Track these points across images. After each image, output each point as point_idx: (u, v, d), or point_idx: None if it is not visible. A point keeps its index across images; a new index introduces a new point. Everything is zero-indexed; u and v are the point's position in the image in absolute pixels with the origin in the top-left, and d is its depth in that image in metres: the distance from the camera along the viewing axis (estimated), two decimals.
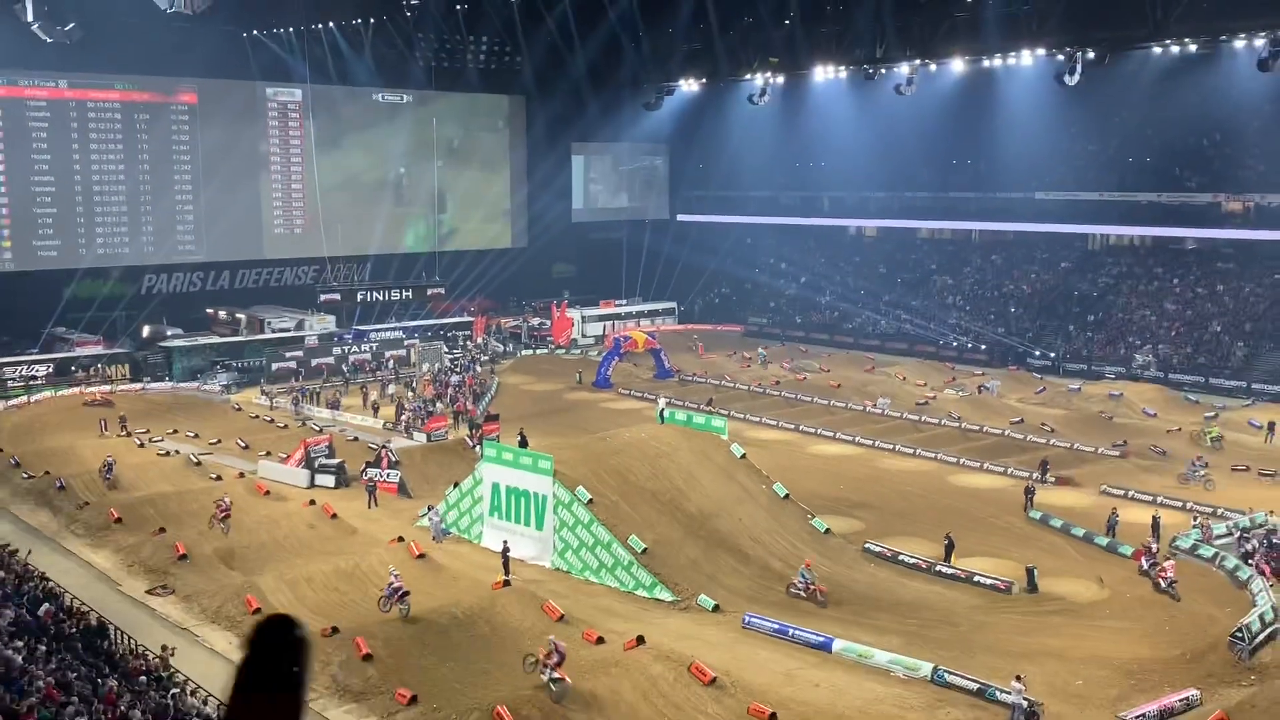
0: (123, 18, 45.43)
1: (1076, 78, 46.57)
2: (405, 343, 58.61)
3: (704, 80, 63.75)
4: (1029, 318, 62.17)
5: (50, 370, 49.81)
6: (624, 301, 71.67)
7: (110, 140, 56.51)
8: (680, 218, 78.03)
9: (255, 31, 57.50)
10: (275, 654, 1.47)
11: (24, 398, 47.25)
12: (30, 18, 38.60)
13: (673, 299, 73.39)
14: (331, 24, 58.21)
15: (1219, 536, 29.85)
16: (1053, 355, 58.24)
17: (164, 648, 21.54)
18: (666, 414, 36.57)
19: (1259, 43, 44.05)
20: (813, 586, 26.31)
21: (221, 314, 58.11)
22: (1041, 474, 36.68)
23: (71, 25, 40.29)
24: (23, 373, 49.12)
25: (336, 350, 56.17)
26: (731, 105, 67.23)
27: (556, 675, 20.87)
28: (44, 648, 18.89)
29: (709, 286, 74.91)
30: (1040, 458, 38.54)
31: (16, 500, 34.57)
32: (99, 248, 56.70)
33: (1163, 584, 26.62)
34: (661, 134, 73.81)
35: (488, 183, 71.40)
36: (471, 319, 64.72)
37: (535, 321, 66.96)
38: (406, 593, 24.38)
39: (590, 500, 28.40)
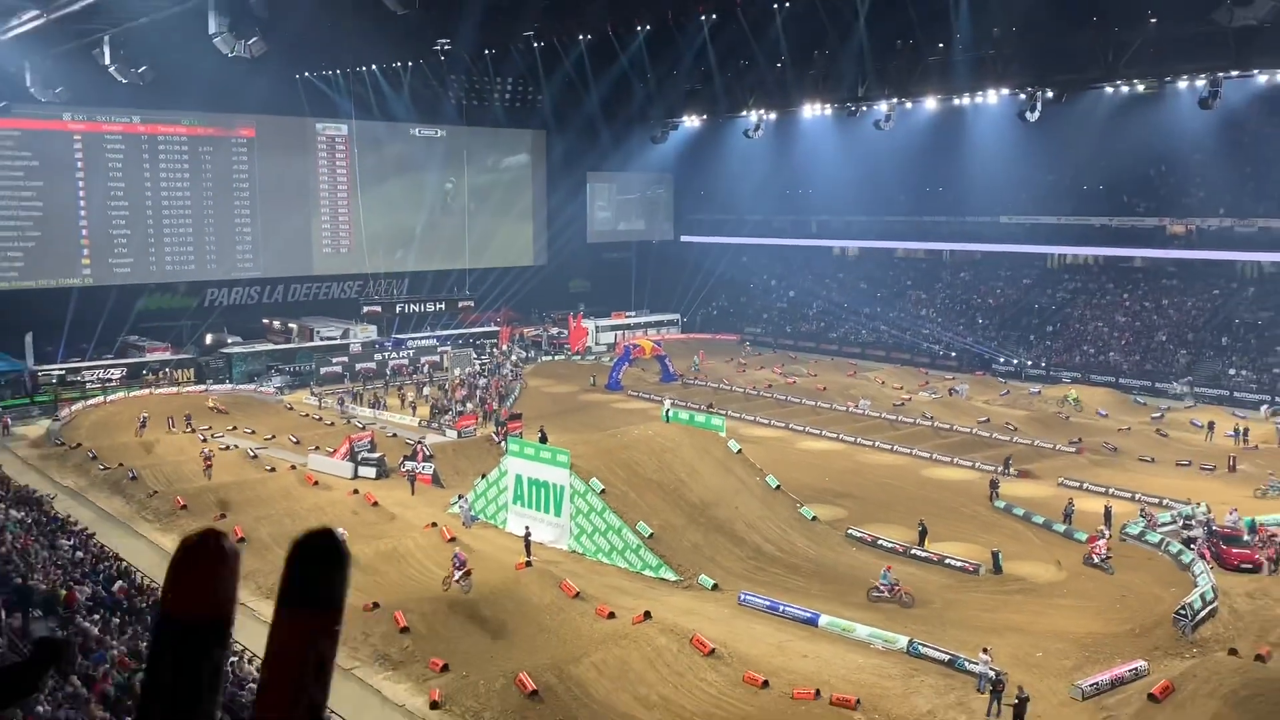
0: (189, 61, 45.35)
1: (1037, 114, 46.49)
2: (439, 350, 58.76)
3: (704, 116, 63.67)
4: (994, 328, 62.00)
5: (124, 374, 49.99)
6: (633, 313, 71.57)
7: (178, 170, 56.69)
8: (683, 238, 77.94)
9: (307, 73, 57.61)
10: (317, 568, 1.32)
11: (100, 398, 47.46)
12: (108, 61, 38.79)
13: (676, 311, 73.32)
14: (374, 66, 58.26)
15: (1163, 524, 29.84)
16: (1015, 362, 58.09)
17: None
18: (671, 413, 36.54)
19: (1200, 84, 43.94)
20: (897, 588, 24.67)
21: (275, 324, 58.31)
22: (1005, 468, 36.59)
23: (144, 68, 40.42)
24: (100, 376, 49.31)
25: (378, 356, 56.30)
26: (729, 138, 67.10)
27: (463, 573, 24.25)
28: (117, 620, 18.96)
29: (709, 300, 74.80)
30: (1004, 453, 38.46)
31: (94, 489, 34.73)
32: (167, 265, 56.85)
33: (1095, 559, 26.82)
34: (667, 164, 73.73)
35: (511, 207, 71.36)
36: (497, 328, 64.72)
37: (554, 331, 66.95)
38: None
39: (603, 490, 28.43)
